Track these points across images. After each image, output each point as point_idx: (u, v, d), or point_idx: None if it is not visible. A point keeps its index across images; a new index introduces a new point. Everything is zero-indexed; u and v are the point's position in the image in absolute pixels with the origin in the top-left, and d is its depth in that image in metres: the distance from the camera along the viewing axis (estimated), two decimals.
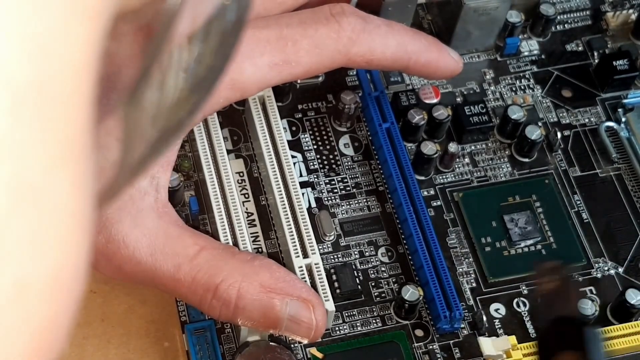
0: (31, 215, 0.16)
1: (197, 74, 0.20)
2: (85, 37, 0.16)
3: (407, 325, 0.43)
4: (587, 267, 0.46)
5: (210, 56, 0.20)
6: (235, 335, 0.42)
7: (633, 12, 0.53)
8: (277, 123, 0.44)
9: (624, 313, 0.43)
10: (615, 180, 0.48)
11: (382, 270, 0.45)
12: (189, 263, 0.38)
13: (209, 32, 0.20)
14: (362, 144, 0.48)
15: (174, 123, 0.20)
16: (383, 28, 0.43)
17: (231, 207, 0.42)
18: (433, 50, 0.44)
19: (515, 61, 0.52)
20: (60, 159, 0.16)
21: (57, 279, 0.16)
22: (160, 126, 0.19)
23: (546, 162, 0.49)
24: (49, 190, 0.16)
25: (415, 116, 0.47)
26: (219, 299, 0.37)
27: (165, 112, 0.19)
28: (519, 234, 0.46)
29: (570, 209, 0.47)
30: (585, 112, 0.50)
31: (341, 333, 0.43)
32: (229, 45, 0.20)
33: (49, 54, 0.16)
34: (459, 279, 0.45)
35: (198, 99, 0.20)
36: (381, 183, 0.47)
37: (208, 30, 0.20)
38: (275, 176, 0.43)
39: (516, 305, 0.44)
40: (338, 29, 0.41)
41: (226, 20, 0.20)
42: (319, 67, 0.42)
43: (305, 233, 0.42)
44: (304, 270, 0.41)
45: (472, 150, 0.49)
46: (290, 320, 0.38)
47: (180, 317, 0.43)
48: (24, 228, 0.16)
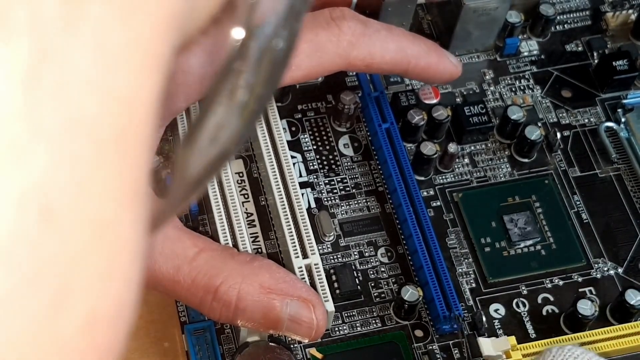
0: (107, 250, 0.17)
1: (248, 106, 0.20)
2: (152, 86, 0.18)
3: (406, 325, 0.43)
4: (586, 267, 0.46)
5: (260, 86, 0.20)
6: (234, 335, 0.42)
7: (633, 12, 0.53)
8: (277, 123, 0.44)
9: (624, 313, 0.43)
10: (615, 181, 0.48)
11: (381, 270, 0.45)
12: (188, 265, 0.38)
13: (261, 62, 0.20)
14: (361, 145, 0.48)
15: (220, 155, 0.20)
16: (383, 32, 0.43)
17: (231, 207, 0.42)
18: (432, 54, 0.44)
19: (515, 61, 0.52)
20: (129, 198, 0.17)
21: (120, 308, 0.18)
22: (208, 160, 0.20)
23: (546, 162, 0.49)
24: (120, 227, 0.17)
25: (415, 116, 0.47)
26: (219, 301, 0.37)
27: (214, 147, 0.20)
28: (519, 234, 0.46)
29: (570, 210, 0.47)
30: (584, 113, 0.50)
31: (341, 333, 0.43)
32: (279, 74, 0.21)
33: (125, 105, 0.17)
34: (459, 279, 0.45)
35: (246, 128, 0.21)
36: (381, 183, 0.47)
37: (260, 60, 0.20)
38: (275, 176, 0.43)
39: (516, 305, 0.44)
40: (338, 32, 0.42)
41: (277, 49, 0.20)
42: (319, 70, 0.42)
43: (304, 233, 0.42)
44: (304, 271, 0.41)
45: (472, 150, 0.49)
46: (291, 321, 0.38)
47: (180, 317, 0.43)
48: (98, 263, 0.17)
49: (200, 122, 0.20)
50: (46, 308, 0.16)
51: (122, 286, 0.18)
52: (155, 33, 0.17)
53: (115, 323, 0.18)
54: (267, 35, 0.20)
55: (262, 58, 0.20)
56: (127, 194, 0.17)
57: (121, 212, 0.17)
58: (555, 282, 0.45)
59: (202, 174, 0.20)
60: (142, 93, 0.17)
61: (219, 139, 0.20)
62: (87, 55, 0.16)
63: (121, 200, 0.17)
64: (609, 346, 0.41)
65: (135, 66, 0.17)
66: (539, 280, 0.45)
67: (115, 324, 0.18)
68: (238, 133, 0.20)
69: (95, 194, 0.16)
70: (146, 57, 0.17)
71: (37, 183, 0.15)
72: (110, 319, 0.17)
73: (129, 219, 0.18)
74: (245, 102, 0.20)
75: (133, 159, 0.17)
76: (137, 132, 0.17)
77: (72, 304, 0.16)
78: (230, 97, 0.20)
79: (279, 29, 0.20)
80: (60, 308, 0.16)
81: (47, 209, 0.16)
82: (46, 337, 0.16)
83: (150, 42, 0.17)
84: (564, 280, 0.45)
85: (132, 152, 0.17)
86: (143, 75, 0.17)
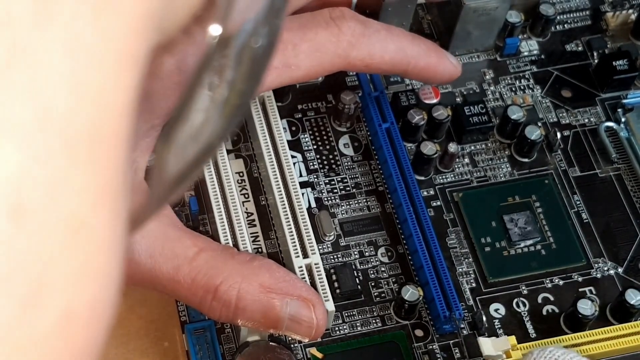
0: (81, 248, 0.17)
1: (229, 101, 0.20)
2: (128, 83, 0.18)
3: (406, 325, 0.43)
4: (586, 267, 0.46)
5: (242, 82, 0.20)
6: (235, 335, 0.42)
7: (633, 12, 0.53)
8: (277, 123, 0.44)
9: (624, 313, 0.43)
10: (615, 181, 0.48)
11: (382, 270, 0.45)
12: (188, 265, 0.38)
13: (242, 58, 0.20)
14: (361, 144, 0.48)
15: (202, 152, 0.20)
16: (382, 32, 0.43)
17: (231, 207, 0.42)
18: (432, 54, 0.44)
19: (515, 61, 0.52)
20: (105, 196, 0.17)
21: (96, 307, 0.18)
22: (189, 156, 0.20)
23: (546, 162, 0.49)
24: (96, 225, 0.17)
25: (415, 116, 0.47)
26: (219, 301, 0.37)
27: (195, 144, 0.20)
28: (519, 234, 0.46)
29: (570, 209, 0.47)
30: (584, 112, 0.50)
31: (341, 333, 0.43)
32: (260, 70, 0.21)
33: (98, 102, 0.17)
34: (459, 279, 0.45)
35: (228, 124, 0.21)
36: (381, 183, 0.47)
37: (240, 56, 0.20)
38: (275, 176, 0.43)
39: (516, 305, 0.44)
40: (338, 32, 0.42)
41: (257, 46, 0.20)
42: (319, 70, 0.42)
43: (305, 233, 0.42)
44: (304, 271, 0.41)
45: (472, 150, 0.49)
46: (291, 320, 0.38)
47: (180, 317, 0.43)
48: (72, 262, 0.17)
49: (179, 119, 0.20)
50: (18, 307, 0.16)
51: (99, 285, 0.18)
52: (130, 30, 0.17)
53: (91, 322, 0.18)
54: (247, 32, 0.20)
55: (243, 54, 0.20)
56: (102, 191, 0.17)
57: (96, 209, 0.17)
58: (556, 281, 0.45)
59: (183, 171, 0.20)
60: (116, 90, 0.17)
61: (201, 136, 0.20)
62: (58, 51, 0.16)
63: (96, 198, 0.17)
64: (609, 346, 0.41)
65: (108, 63, 0.17)
66: (539, 280, 0.45)
67: (91, 323, 0.18)
68: (220, 129, 0.20)
69: (69, 191, 0.16)
70: (120, 54, 0.17)
71: (7, 181, 0.15)
72: (86, 318, 0.17)
73: (105, 216, 0.17)
74: (227, 98, 0.20)
75: (108, 156, 0.17)
76: (112, 129, 0.17)
77: (45, 303, 0.16)
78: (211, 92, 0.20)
79: (259, 26, 0.20)
80: (33, 307, 0.16)
81: (18, 207, 0.15)
82: (18, 335, 0.16)
83: (125, 39, 0.17)
84: (564, 280, 0.45)
85: (107, 149, 0.17)
86: (117, 72, 0.17)
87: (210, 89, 0.20)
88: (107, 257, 0.18)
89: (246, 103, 0.21)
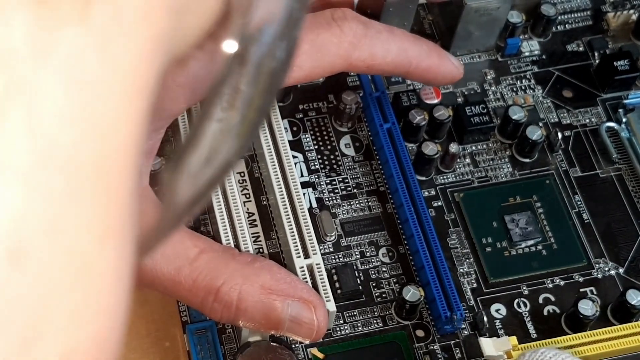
0: (84, 288, 0.16)
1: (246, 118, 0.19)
2: (136, 112, 0.17)
3: (408, 325, 0.43)
4: (587, 267, 0.46)
5: (259, 98, 0.19)
6: (236, 335, 0.42)
7: (634, 12, 0.53)
8: (278, 123, 0.44)
9: (625, 313, 0.43)
10: (616, 181, 0.48)
11: (383, 270, 0.45)
12: (189, 266, 0.38)
13: (259, 73, 0.19)
14: (363, 144, 0.48)
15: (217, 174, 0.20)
16: (384, 33, 0.43)
17: (232, 207, 0.42)
18: (434, 55, 0.44)
19: (516, 61, 0.52)
20: (111, 231, 0.17)
21: (99, 346, 0.17)
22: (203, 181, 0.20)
23: (547, 162, 0.49)
24: (101, 263, 0.17)
25: (416, 116, 0.47)
26: (220, 302, 0.37)
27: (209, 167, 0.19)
28: (520, 234, 0.46)
29: (571, 210, 0.47)
30: (586, 113, 0.50)
31: (342, 333, 0.43)
32: (277, 84, 0.20)
33: (103, 135, 0.16)
34: (460, 279, 0.45)
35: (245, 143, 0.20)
36: (382, 183, 0.47)
37: (258, 72, 0.19)
38: (277, 176, 0.43)
39: (517, 305, 0.44)
40: (339, 33, 0.41)
41: (276, 59, 0.19)
42: (320, 71, 0.42)
43: (306, 233, 0.42)
44: (305, 271, 0.41)
45: (473, 150, 0.49)
46: (292, 321, 0.38)
47: (181, 317, 0.43)
48: (77, 300, 0.16)
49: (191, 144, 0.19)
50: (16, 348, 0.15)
51: (103, 322, 0.17)
52: (139, 58, 0.17)
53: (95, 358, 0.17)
54: (265, 45, 0.19)
55: (261, 69, 0.19)
56: (108, 227, 0.17)
57: (101, 246, 0.17)
58: (557, 282, 0.45)
59: (196, 196, 0.20)
60: (123, 122, 0.17)
61: (215, 158, 0.19)
62: (59, 86, 0.15)
63: (101, 234, 0.17)
64: (610, 346, 0.41)
65: (114, 94, 0.16)
66: (540, 280, 0.45)
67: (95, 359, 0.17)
68: (237, 148, 0.19)
69: (71, 230, 0.16)
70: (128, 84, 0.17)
71: (7, 221, 0.15)
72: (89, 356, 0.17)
73: (110, 253, 0.17)
74: (244, 116, 0.19)
75: (114, 190, 0.17)
76: (118, 161, 0.17)
77: (44, 344, 0.16)
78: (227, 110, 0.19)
79: (277, 38, 0.19)
80: (32, 348, 0.15)
81: (17, 249, 0.15)
82: None
83: (133, 68, 0.17)
84: (565, 280, 0.45)
85: (113, 183, 0.17)
86: (124, 103, 0.17)
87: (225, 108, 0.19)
88: (112, 294, 0.17)
89: (262, 118, 0.20)
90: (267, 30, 0.19)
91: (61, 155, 0.15)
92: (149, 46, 0.17)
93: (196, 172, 0.19)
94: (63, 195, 0.16)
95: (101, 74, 0.16)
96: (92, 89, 0.16)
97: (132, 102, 0.17)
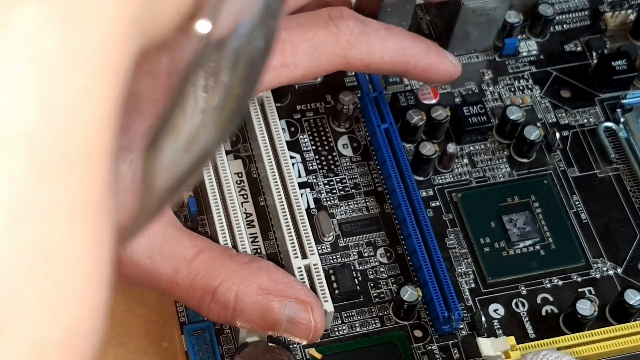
0: (50, 274, 0.16)
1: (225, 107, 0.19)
2: (106, 92, 0.16)
3: (405, 326, 0.43)
4: (585, 267, 0.46)
5: (238, 87, 0.19)
6: (234, 336, 0.42)
7: (632, 12, 0.53)
8: (276, 124, 0.44)
9: (623, 313, 0.43)
10: (614, 181, 0.48)
11: (380, 270, 0.45)
12: (187, 266, 0.38)
13: (238, 62, 0.19)
14: (360, 145, 0.48)
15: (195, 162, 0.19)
16: (382, 32, 0.43)
17: (230, 207, 0.42)
18: (432, 54, 0.44)
19: (514, 61, 0.52)
20: (78, 215, 0.16)
21: (74, 336, 0.16)
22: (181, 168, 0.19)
23: (545, 162, 0.49)
24: (68, 248, 0.16)
25: (414, 117, 0.47)
26: (217, 302, 0.37)
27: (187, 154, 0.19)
28: (518, 234, 0.46)
29: (569, 210, 0.47)
30: (584, 113, 0.50)
31: (340, 334, 0.43)
32: (257, 74, 0.20)
33: (70, 112, 0.16)
34: (458, 279, 0.45)
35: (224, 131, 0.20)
36: (380, 184, 0.47)
37: (237, 60, 0.19)
38: (274, 177, 0.43)
39: (515, 305, 0.44)
40: (337, 32, 0.41)
41: (254, 48, 0.19)
42: (318, 70, 0.42)
43: (304, 234, 0.42)
44: (303, 271, 0.41)
45: (471, 150, 0.49)
46: (289, 322, 0.38)
47: (179, 317, 0.43)
48: (42, 288, 0.15)
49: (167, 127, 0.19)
50: None
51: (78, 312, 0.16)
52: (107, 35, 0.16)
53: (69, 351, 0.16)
54: (243, 35, 0.19)
55: (239, 58, 0.19)
56: (78, 210, 0.16)
57: (69, 230, 0.16)
58: (555, 282, 0.45)
59: (174, 183, 0.19)
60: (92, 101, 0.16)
61: (194, 145, 0.19)
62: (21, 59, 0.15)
63: (71, 218, 0.16)
64: (609, 346, 0.41)
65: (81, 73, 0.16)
66: (538, 281, 0.45)
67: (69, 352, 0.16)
68: (216, 137, 0.19)
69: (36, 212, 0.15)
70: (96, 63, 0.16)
71: None
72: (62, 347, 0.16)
73: (82, 237, 0.16)
74: (223, 103, 0.19)
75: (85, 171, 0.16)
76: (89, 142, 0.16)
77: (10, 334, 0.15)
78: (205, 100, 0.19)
79: (255, 28, 0.19)
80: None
81: None
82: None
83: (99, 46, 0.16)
84: (563, 280, 0.45)
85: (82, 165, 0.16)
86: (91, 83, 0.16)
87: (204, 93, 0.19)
88: (87, 281, 0.16)
89: (242, 108, 0.20)
90: (245, 19, 0.19)
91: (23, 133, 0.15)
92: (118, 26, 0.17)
93: (174, 160, 0.19)
94: (27, 175, 0.15)
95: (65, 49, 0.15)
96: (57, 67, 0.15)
97: (102, 81, 0.16)
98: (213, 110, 0.19)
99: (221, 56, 0.19)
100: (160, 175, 0.19)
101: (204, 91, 0.19)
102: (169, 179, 0.19)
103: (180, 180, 0.19)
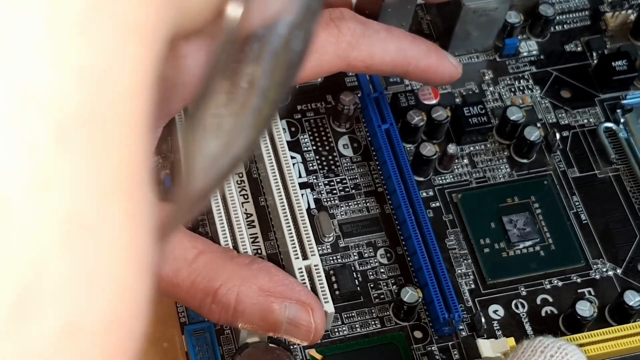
0: (83, 252, 0.15)
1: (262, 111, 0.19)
2: (138, 63, 0.16)
3: (406, 326, 0.43)
4: (585, 268, 0.46)
5: (275, 91, 0.19)
6: (234, 336, 0.42)
7: (632, 12, 0.53)
8: (276, 124, 0.44)
9: (623, 314, 0.43)
10: (614, 181, 0.48)
11: (381, 271, 0.45)
12: (188, 267, 0.38)
13: (276, 64, 0.18)
14: (361, 145, 0.48)
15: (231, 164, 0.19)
16: (382, 33, 0.43)
17: (230, 208, 0.42)
18: (432, 55, 0.44)
19: (514, 62, 0.52)
20: (114, 190, 0.15)
21: (112, 321, 0.16)
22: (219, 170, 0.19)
23: (545, 163, 0.49)
24: (102, 224, 0.15)
25: (414, 117, 0.47)
26: (218, 303, 0.37)
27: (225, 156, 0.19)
28: (518, 235, 0.46)
29: (569, 210, 0.47)
30: (584, 113, 0.50)
31: (340, 334, 0.43)
32: (293, 77, 0.19)
33: (100, 81, 0.15)
34: (458, 280, 0.45)
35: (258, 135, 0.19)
36: (380, 184, 0.47)
37: (275, 62, 0.18)
38: (275, 177, 0.43)
39: (515, 306, 0.44)
40: (337, 33, 0.41)
41: (292, 51, 0.19)
42: (319, 71, 0.42)
43: (304, 234, 0.42)
44: (304, 272, 0.41)
45: (471, 151, 0.49)
46: (289, 324, 0.38)
47: (179, 318, 0.43)
48: (75, 266, 0.15)
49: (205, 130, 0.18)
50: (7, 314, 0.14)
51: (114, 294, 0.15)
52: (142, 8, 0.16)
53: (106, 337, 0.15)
54: (281, 36, 0.18)
55: (278, 60, 0.18)
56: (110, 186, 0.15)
57: (103, 207, 0.15)
58: (554, 283, 0.45)
59: (211, 184, 0.19)
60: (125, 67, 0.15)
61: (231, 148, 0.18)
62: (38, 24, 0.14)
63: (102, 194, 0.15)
64: (608, 347, 0.41)
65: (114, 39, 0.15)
66: (538, 281, 0.45)
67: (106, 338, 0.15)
68: (251, 140, 0.19)
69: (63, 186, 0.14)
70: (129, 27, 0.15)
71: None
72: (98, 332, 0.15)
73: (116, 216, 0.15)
74: (260, 108, 0.18)
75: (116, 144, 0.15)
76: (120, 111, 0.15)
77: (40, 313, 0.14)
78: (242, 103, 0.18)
79: (294, 29, 0.18)
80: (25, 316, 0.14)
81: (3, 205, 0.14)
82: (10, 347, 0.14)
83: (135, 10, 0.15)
84: (563, 281, 0.45)
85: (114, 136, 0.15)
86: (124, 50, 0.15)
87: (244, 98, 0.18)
88: (124, 263, 0.16)
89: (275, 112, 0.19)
90: (284, 19, 0.18)
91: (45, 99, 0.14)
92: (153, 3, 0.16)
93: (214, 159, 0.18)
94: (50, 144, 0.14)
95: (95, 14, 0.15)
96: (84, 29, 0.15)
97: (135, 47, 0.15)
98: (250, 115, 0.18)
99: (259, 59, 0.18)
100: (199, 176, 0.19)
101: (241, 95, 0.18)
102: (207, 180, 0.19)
103: (217, 181, 0.19)
